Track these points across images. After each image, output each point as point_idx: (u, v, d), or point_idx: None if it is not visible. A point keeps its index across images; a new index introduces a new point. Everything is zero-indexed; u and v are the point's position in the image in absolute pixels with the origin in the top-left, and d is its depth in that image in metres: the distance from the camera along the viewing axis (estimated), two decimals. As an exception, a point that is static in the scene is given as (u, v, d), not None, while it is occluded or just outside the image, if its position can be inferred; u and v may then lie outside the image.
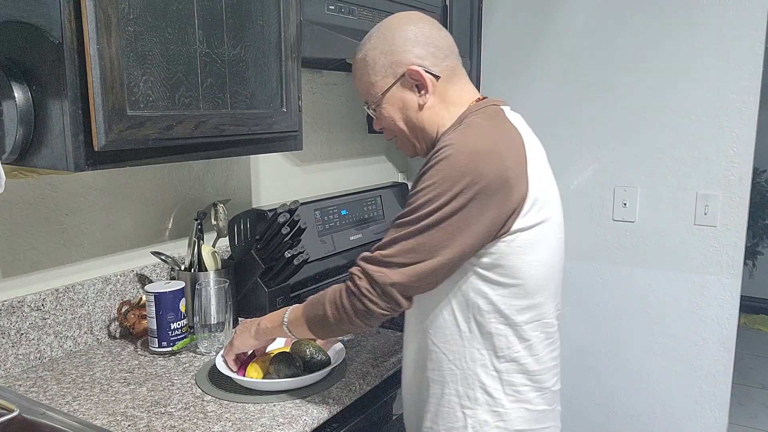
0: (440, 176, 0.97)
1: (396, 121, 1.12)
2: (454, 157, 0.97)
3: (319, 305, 1.07)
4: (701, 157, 2.09)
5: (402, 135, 1.14)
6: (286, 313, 1.15)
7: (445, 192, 0.96)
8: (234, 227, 1.64)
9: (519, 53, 2.38)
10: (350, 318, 1.02)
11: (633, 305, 2.27)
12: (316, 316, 1.08)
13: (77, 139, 0.98)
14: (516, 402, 1.08)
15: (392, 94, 1.10)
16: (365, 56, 1.10)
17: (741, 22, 1.97)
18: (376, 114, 1.14)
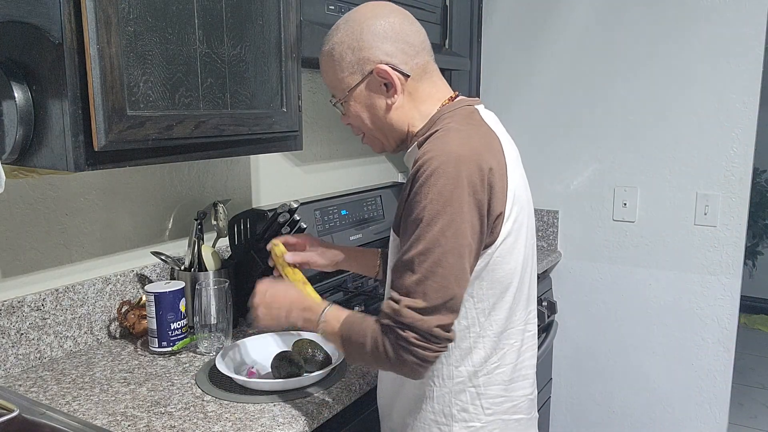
0: (434, 192, 0.92)
1: (363, 119, 1.09)
2: (443, 169, 0.92)
3: (359, 335, 0.98)
4: (701, 157, 2.09)
5: (369, 133, 1.12)
6: (321, 318, 1.05)
7: (444, 209, 0.91)
8: (234, 227, 1.64)
9: (519, 53, 2.38)
10: (397, 367, 0.95)
11: (633, 305, 2.27)
12: (355, 344, 0.99)
13: (77, 139, 0.98)
14: (492, 414, 1.06)
15: (359, 93, 1.06)
16: (332, 50, 1.06)
17: (741, 22, 1.97)
18: (343, 110, 1.11)
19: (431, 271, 0.91)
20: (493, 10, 2.41)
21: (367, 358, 0.99)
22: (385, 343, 0.94)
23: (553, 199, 2.37)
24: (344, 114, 1.12)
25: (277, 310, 1.12)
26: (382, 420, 1.20)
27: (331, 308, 1.06)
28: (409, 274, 0.93)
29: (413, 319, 0.91)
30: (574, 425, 2.46)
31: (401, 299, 0.93)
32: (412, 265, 0.93)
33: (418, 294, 0.92)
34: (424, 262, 0.92)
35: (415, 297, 0.92)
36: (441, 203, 0.92)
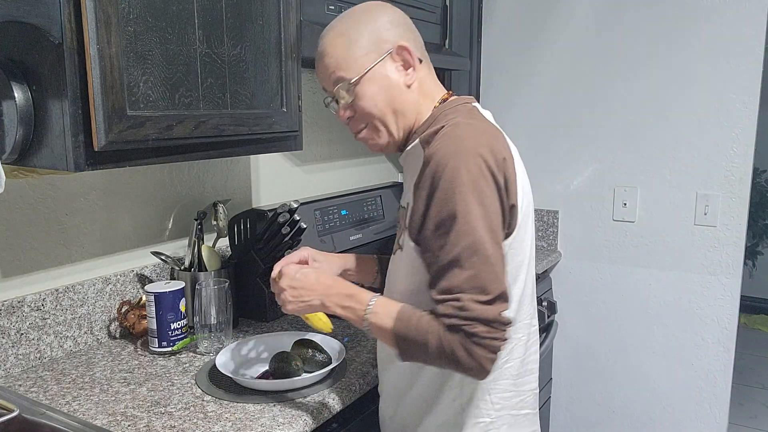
0: (461, 187, 0.92)
1: (377, 102, 1.04)
2: (463, 163, 0.93)
3: (420, 335, 0.94)
4: (701, 157, 2.09)
5: (379, 120, 1.06)
6: (368, 309, 1.00)
7: (474, 203, 0.92)
8: (234, 227, 1.64)
9: (519, 53, 2.38)
10: (466, 365, 0.92)
11: (633, 305, 2.27)
12: (414, 344, 0.96)
13: (77, 139, 0.98)
14: (501, 410, 1.07)
15: (376, 71, 1.03)
16: (345, 31, 1.04)
17: (741, 22, 1.97)
18: (354, 94, 1.04)
19: (482, 264, 0.92)
20: (493, 10, 2.41)
21: (429, 359, 0.96)
22: (452, 343, 0.91)
23: (553, 199, 2.37)
24: (353, 100, 1.05)
25: (309, 293, 1.04)
26: (383, 426, 1.19)
27: (379, 299, 1.01)
28: (458, 271, 0.92)
29: (480, 311, 0.91)
30: (574, 425, 2.46)
31: (461, 296, 0.92)
32: (459, 262, 0.92)
33: (476, 289, 0.92)
34: (472, 256, 0.92)
35: (474, 292, 0.91)
36: (470, 197, 0.92)
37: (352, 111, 1.08)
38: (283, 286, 1.05)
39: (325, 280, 1.06)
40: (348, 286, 1.05)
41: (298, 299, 1.05)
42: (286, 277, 1.06)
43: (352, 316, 1.02)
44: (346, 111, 1.08)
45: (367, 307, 1.00)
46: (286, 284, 1.05)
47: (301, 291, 1.04)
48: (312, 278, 1.05)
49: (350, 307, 1.02)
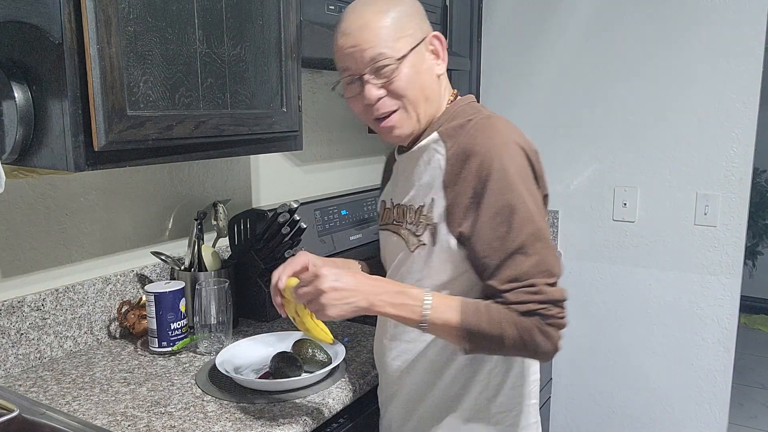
0: (513, 177, 0.96)
1: (414, 85, 1.02)
2: (510, 154, 0.97)
3: (493, 325, 0.95)
4: (701, 157, 2.09)
5: (411, 104, 1.03)
6: (426, 304, 0.96)
7: (527, 191, 0.97)
8: (234, 227, 1.64)
9: (519, 53, 2.38)
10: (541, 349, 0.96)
11: (633, 305, 2.27)
12: (488, 335, 0.95)
13: (77, 139, 0.98)
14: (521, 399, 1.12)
15: (415, 55, 1.02)
16: (388, 9, 1.01)
17: (741, 22, 1.97)
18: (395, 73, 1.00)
19: (545, 249, 0.97)
20: (493, 10, 2.41)
21: (502, 348, 0.97)
22: (530, 329, 0.94)
23: (553, 199, 2.37)
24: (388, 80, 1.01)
25: (354, 293, 0.95)
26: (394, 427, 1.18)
27: (435, 294, 0.98)
28: (523, 258, 0.95)
29: (552, 293, 0.95)
30: (574, 425, 2.46)
31: (535, 281, 0.95)
32: (524, 249, 0.95)
33: (544, 273, 0.96)
34: (536, 242, 0.96)
35: (543, 276, 0.96)
36: (522, 186, 0.97)
37: (384, 91, 1.02)
38: (325, 288, 0.94)
39: (366, 279, 0.99)
40: (393, 283, 1.01)
41: (343, 301, 0.95)
42: (326, 278, 0.95)
43: (406, 314, 0.97)
44: (378, 90, 1.02)
45: (424, 302, 0.96)
46: (329, 286, 0.94)
47: (345, 293, 0.95)
48: (352, 279, 0.97)
49: (404, 304, 0.97)
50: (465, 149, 1.00)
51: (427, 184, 1.05)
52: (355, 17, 1.02)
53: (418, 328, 0.98)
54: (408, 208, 1.09)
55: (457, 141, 1.02)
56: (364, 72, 1.01)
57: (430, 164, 1.05)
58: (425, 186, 1.06)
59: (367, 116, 1.06)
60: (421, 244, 1.05)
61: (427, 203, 1.04)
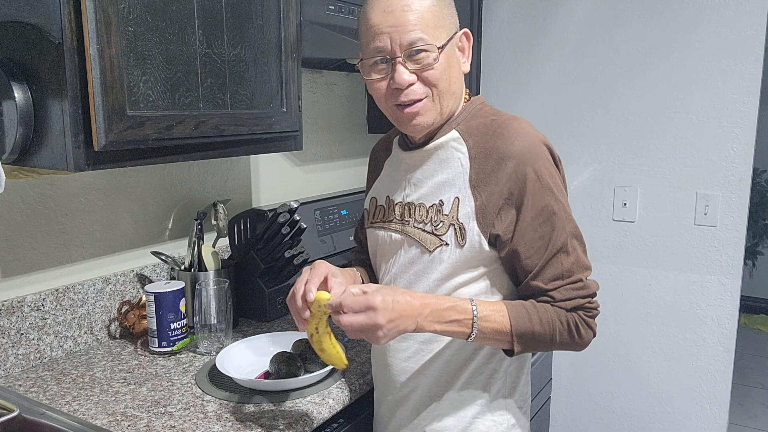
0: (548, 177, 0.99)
1: (447, 76, 1.00)
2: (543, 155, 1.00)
3: (545, 326, 0.97)
4: (701, 157, 2.09)
5: (440, 95, 1.00)
6: (476, 315, 0.95)
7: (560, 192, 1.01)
8: (234, 227, 1.65)
9: (519, 53, 2.38)
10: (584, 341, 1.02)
11: (633, 305, 2.27)
12: (539, 336, 0.97)
13: (77, 139, 0.98)
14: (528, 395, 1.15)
15: (450, 47, 1.00)
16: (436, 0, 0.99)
17: (741, 22, 1.97)
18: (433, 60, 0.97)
19: (580, 246, 1.02)
20: (493, 10, 2.41)
21: (552, 345, 1.01)
22: (578, 323, 0.99)
23: (553, 199, 2.37)
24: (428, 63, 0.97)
25: (405, 320, 0.92)
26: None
27: (478, 302, 0.97)
28: (565, 257, 0.99)
29: (593, 287, 1.01)
30: (574, 425, 2.46)
31: (579, 276, 1.00)
32: (566, 247, 0.99)
33: (583, 268, 1.01)
34: (573, 240, 1.01)
35: (582, 271, 1.01)
36: (556, 187, 1.01)
37: (415, 78, 0.98)
38: (382, 323, 0.89)
39: (415, 300, 0.94)
40: (438, 298, 0.97)
41: (394, 331, 0.91)
42: (383, 311, 0.89)
43: (455, 329, 0.95)
44: (410, 76, 0.97)
45: (473, 315, 0.95)
46: (387, 319, 0.89)
47: (398, 321, 0.91)
48: (404, 302, 0.92)
49: (453, 320, 0.95)
50: (497, 150, 1.00)
51: (445, 183, 1.04)
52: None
53: (465, 340, 0.98)
54: (418, 206, 1.07)
55: (481, 140, 1.02)
56: (398, 54, 0.97)
57: (448, 162, 1.04)
58: (441, 184, 1.04)
59: (390, 100, 1.01)
60: (443, 243, 1.02)
61: (447, 202, 1.03)
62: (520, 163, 0.98)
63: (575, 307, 0.99)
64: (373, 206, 1.17)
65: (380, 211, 1.15)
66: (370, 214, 1.17)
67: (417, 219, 1.06)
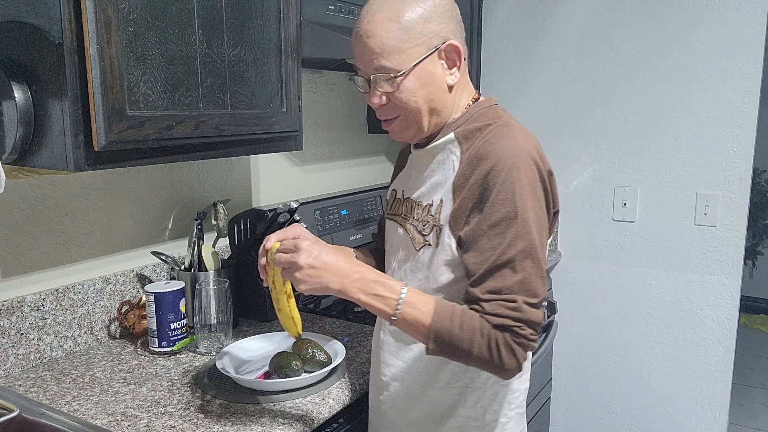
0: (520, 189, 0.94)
1: (417, 98, 1.00)
2: (521, 164, 0.94)
3: (463, 332, 0.93)
4: (701, 157, 2.09)
5: (411, 116, 1.02)
6: (401, 299, 0.95)
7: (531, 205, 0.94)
8: (234, 227, 1.64)
9: (519, 53, 2.38)
10: (501, 366, 0.93)
11: (633, 305, 2.27)
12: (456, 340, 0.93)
13: (77, 139, 0.98)
14: (515, 409, 1.11)
15: (422, 68, 0.99)
16: (398, 17, 0.96)
17: (741, 22, 1.97)
18: (394, 86, 0.99)
19: (534, 268, 0.94)
20: (493, 10, 2.41)
21: (466, 356, 0.94)
22: (498, 343, 0.91)
23: (553, 199, 2.37)
24: (392, 92, 1.00)
25: (330, 274, 0.95)
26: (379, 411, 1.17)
27: (409, 288, 0.96)
28: (510, 273, 0.93)
29: (530, 314, 0.92)
30: (574, 425, 2.46)
31: (516, 297, 0.92)
32: (513, 263, 0.93)
33: (527, 292, 0.93)
34: (526, 259, 0.93)
35: (526, 295, 0.92)
36: (528, 200, 0.94)
37: (386, 99, 1.02)
38: (301, 262, 0.94)
39: (346, 263, 0.97)
40: (373, 271, 0.98)
41: (315, 279, 0.95)
42: (305, 253, 0.94)
43: (378, 305, 0.95)
44: (381, 98, 1.02)
45: (399, 297, 0.95)
46: (306, 262, 0.94)
47: (321, 271, 0.94)
48: (332, 259, 0.95)
49: (379, 295, 0.95)
50: (479, 154, 0.98)
51: (438, 184, 1.04)
52: (367, 19, 0.99)
53: (387, 321, 0.97)
54: (416, 204, 1.08)
55: (473, 145, 1.01)
56: (369, 77, 1.01)
57: (443, 164, 1.04)
58: (435, 185, 1.05)
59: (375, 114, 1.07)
60: (426, 244, 1.04)
61: (435, 203, 1.03)
62: (495, 167, 0.95)
63: (502, 325, 0.91)
64: (392, 198, 1.19)
65: (396, 203, 1.16)
66: (388, 205, 1.20)
67: (415, 216, 1.08)
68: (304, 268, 0.94)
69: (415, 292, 0.97)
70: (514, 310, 0.91)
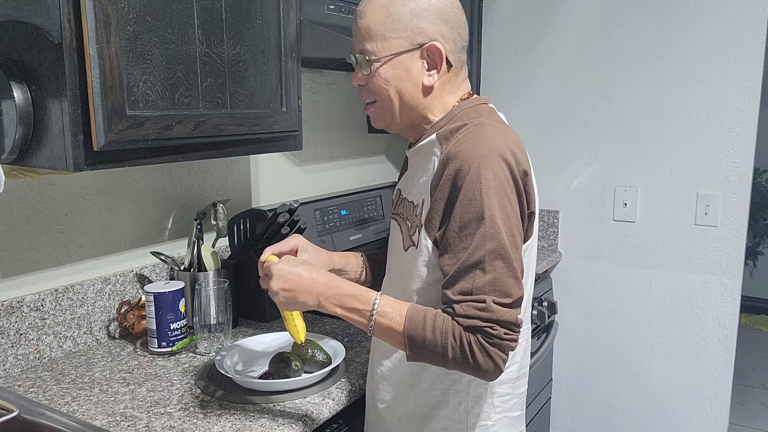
0: (488, 189, 0.92)
1: (389, 88, 1.02)
2: (490, 164, 0.93)
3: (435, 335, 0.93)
4: (702, 157, 2.09)
5: (385, 104, 1.04)
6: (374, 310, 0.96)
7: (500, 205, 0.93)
8: (234, 227, 1.64)
9: (519, 53, 2.38)
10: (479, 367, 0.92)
11: (633, 305, 2.27)
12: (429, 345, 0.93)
13: (76, 138, 0.98)
14: (501, 413, 1.09)
15: (400, 61, 1.00)
16: (389, 5, 0.99)
17: (741, 22, 1.97)
18: (370, 71, 1.02)
19: (504, 268, 0.92)
20: (493, 10, 2.41)
21: (442, 360, 0.94)
22: (471, 344, 0.91)
23: (553, 199, 2.37)
24: (368, 75, 1.03)
25: (304, 294, 0.98)
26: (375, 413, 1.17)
27: (383, 297, 0.98)
28: (480, 274, 0.92)
29: (501, 314, 0.91)
30: (574, 425, 2.46)
31: (485, 297, 0.91)
32: (482, 264, 0.92)
33: (498, 292, 0.92)
34: (495, 260, 0.92)
35: (497, 295, 0.92)
36: (496, 200, 0.92)
37: (365, 81, 1.05)
38: (275, 288, 0.98)
39: (320, 278, 0.99)
40: (348, 284, 1.00)
41: (293, 299, 0.99)
42: (277, 278, 0.98)
43: (355, 317, 0.98)
44: (359, 79, 1.06)
45: (373, 308, 0.96)
46: (278, 286, 0.98)
47: (296, 293, 0.98)
48: (305, 278, 0.98)
49: (353, 308, 0.97)
50: (450, 153, 0.97)
51: (423, 184, 1.05)
52: (365, 1, 1.03)
53: (366, 331, 0.98)
54: (409, 203, 1.09)
55: (449, 145, 1.00)
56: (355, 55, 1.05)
57: (427, 165, 1.04)
58: (421, 186, 1.05)
59: None
60: (412, 244, 1.05)
61: (418, 203, 1.04)
62: (462, 168, 0.94)
63: (472, 327, 0.91)
64: (397, 197, 1.19)
65: (398, 203, 1.16)
66: (393, 204, 1.20)
67: (407, 216, 1.08)
68: (278, 293, 0.99)
69: (389, 300, 0.98)
70: (483, 311, 0.91)
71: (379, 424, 1.17)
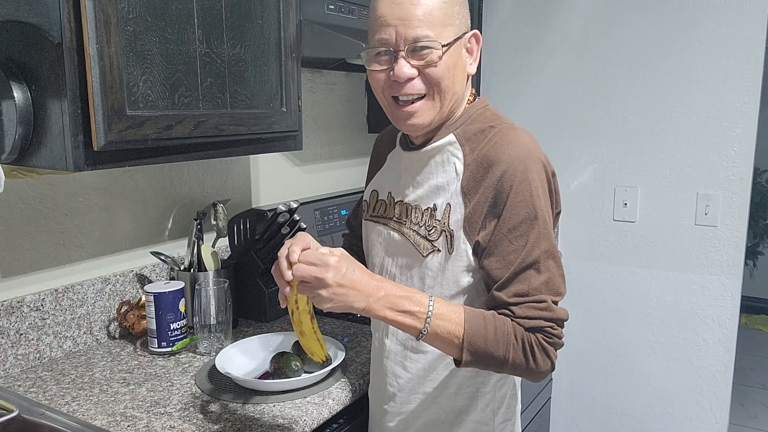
0: (535, 190, 0.95)
1: (450, 76, 0.97)
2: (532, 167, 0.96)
3: (498, 339, 0.90)
4: (702, 157, 2.09)
5: (441, 94, 0.98)
6: (431, 312, 0.90)
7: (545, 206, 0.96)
8: (234, 227, 1.64)
9: (519, 53, 2.38)
10: (538, 369, 0.93)
11: (633, 305, 2.27)
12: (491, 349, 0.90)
13: (76, 138, 0.98)
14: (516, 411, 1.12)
15: (456, 48, 0.97)
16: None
17: (741, 22, 1.97)
18: (434, 59, 0.94)
19: (556, 267, 0.96)
20: (493, 10, 2.41)
21: (503, 364, 0.91)
22: (532, 345, 0.91)
23: (554, 199, 2.37)
24: (429, 64, 0.95)
25: (356, 293, 0.88)
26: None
27: (436, 300, 0.92)
28: (535, 275, 0.94)
29: (559, 313, 0.94)
30: (574, 425, 2.46)
31: (544, 297, 0.93)
32: (537, 264, 0.94)
33: (553, 291, 0.95)
34: (548, 259, 0.95)
35: (552, 294, 0.95)
36: (543, 201, 0.96)
37: (416, 72, 0.96)
38: (330, 281, 0.86)
39: (371, 279, 0.90)
40: (398, 285, 0.93)
41: (342, 298, 0.88)
42: (333, 270, 0.87)
43: (407, 320, 0.90)
44: (410, 70, 0.95)
45: (429, 309, 0.90)
46: (335, 279, 0.87)
47: (348, 290, 0.88)
48: (359, 276, 0.89)
49: (406, 310, 0.90)
50: (488, 157, 0.97)
51: (439, 187, 1.02)
52: None
53: (415, 336, 0.91)
54: (414, 207, 1.05)
55: (477, 147, 1.00)
56: (401, 48, 0.95)
57: (444, 166, 1.02)
58: (436, 188, 1.03)
59: (388, 91, 0.99)
60: (435, 249, 1.01)
61: (440, 207, 1.01)
62: (507, 172, 0.95)
63: (535, 327, 0.91)
64: (373, 199, 1.15)
65: (381, 205, 1.13)
66: (370, 207, 1.15)
67: (413, 221, 1.05)
68: (332, 286, 0.87)
69: (442, 302, 0.93)
70: (545, 310, 0.93)
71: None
